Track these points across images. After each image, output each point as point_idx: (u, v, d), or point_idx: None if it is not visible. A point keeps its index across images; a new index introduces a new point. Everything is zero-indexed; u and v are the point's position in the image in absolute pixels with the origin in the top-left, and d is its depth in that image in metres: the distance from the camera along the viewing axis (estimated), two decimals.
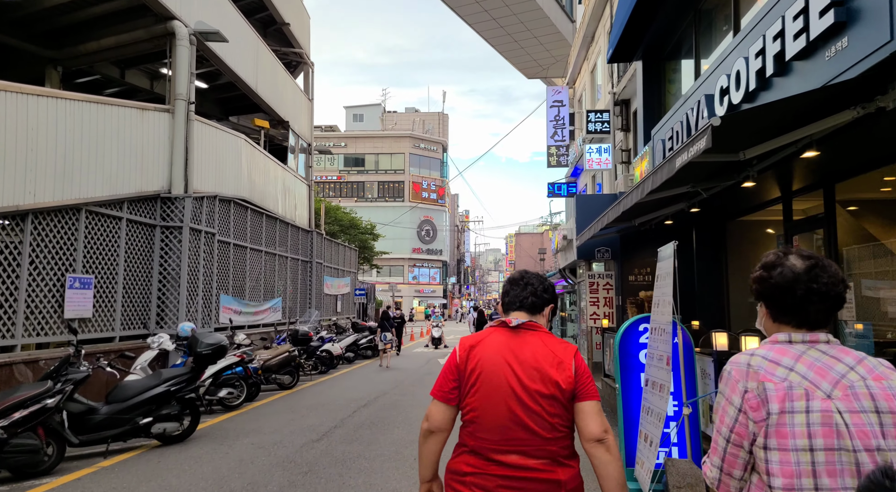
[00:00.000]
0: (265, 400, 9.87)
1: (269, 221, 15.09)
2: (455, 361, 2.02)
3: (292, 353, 11.32)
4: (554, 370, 1.91)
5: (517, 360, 1.95)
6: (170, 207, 10.23)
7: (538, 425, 1.89)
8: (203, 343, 6.86)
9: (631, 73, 11.68)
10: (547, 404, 1.89)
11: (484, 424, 1.94)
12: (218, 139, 12.28)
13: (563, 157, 21.17)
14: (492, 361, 1.96)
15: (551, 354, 1.95)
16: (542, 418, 1.89)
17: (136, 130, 9.56)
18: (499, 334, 2.03)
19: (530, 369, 1.92)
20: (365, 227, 34.31)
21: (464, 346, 2.04)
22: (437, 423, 2.04)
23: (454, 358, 2.04)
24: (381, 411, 8.88)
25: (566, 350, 1.98)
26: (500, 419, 1.91)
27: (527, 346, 1.97)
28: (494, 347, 1.99)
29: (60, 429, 5.53)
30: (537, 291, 2.09)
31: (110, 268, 8.98)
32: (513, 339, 2.00)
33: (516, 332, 2.02)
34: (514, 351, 1.96)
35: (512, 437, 1.91)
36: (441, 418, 2.03)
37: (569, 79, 21.75)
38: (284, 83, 16.73)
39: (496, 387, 1.93)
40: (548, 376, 1.90)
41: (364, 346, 17.60)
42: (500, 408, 1.91)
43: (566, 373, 1.91)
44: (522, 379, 1.91)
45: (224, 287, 12.39)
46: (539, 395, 1.90)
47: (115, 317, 9.02)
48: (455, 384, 2.01)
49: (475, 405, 1.96)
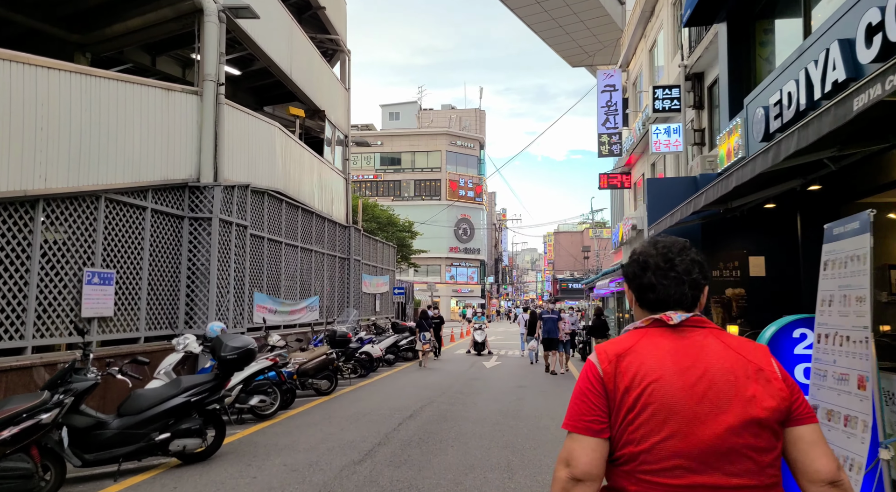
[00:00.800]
0: (301, 408, 8.93)
1: (304, 215, 14.25)
2: (597, 377, 1.45)
3: (330, 356, 10.38)
4: (755, 384, 1.38)
5: (696, 372, 1.39)
6: (198, 196, 9.40)
7: (741, 468, 1.35)
8: (228, 347, 5.91)
9: (708, 41, 10.31)
10: (752, 436, 1.35)
11: (655, 463, 1.36)
12: (250, 126, 11.45)
13: (616, 145, 19.78)
14: (657, 376, 1.40)
15: (743, 361, 1.41)
16: (747, 458, 1.35)
17: (162, 113, 8.75)
18: (656, 337, 1.46)
19: (720, 384, 1.38)
20: (403, 224, 33.50)
21: (607, 355, 1.47)
22: (586, 467, 1.40)
23: (594, 373, 1.46)
24: (429, 423, 7.80)
25: (759, 352, 1.45)
26: (682, 459, 1.35)
27: (705, 351, 1.43)
28: (656, 356, 1.43)
29: (59, 449, 4.64)
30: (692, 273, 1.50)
31: (134, 262, 8.18)
32: (678, 342, 1.45)
33: (680, 332, 1.47)
34: (686, 360, 1.42)
35: (698, 485, 1.33)
36: (590, 460, 1.41)
37: (622, 61, 20.34)
38: (321, 71, 15.88)
39: (670, 412, 1.37)
40: (748, 392, 1.37)
41: (405, 347, 16.63)
42: (679, 443, 1.35)
43: (774, 386, 1.39)
44: (711, 400, 1.37)
45: (258, 285, 11.56)
46: (742, 422, 1.35)
47: (140, 316, 8.22)
48: (604, 409, 1.43)
49: (640, 436, 1.38)
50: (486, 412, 8.68)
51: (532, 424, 7.87)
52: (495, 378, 13.03)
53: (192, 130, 9.46)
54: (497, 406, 9.24)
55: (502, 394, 10.60)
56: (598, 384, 1.44)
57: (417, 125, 62.72)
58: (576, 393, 1.48)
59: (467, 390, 11.00)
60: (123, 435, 5.25)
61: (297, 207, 13.77)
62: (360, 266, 18.77)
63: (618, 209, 26.57)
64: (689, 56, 11.59)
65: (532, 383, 12.28)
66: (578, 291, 53.91)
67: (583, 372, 1.50)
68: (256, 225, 11.43)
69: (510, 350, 21.55)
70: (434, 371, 14.31)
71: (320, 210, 15.57)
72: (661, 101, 11.79)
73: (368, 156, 59.07)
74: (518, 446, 6.61)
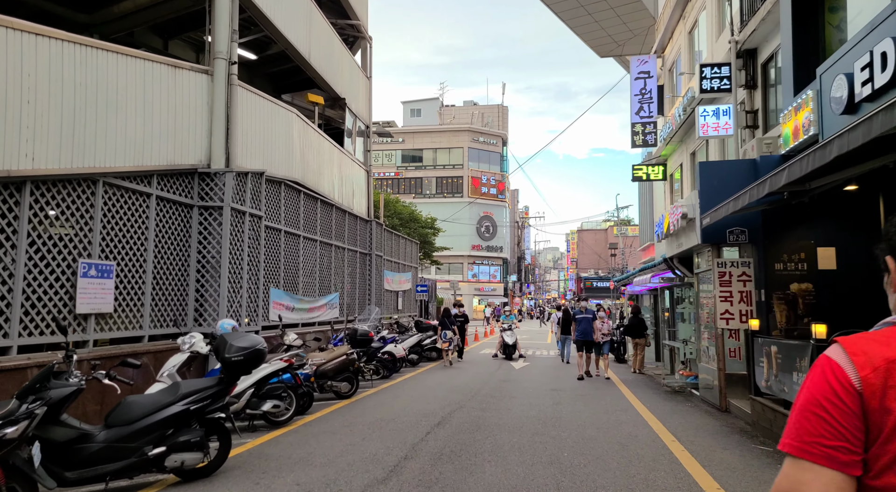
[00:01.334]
0: (319, 413, 8.18)
1: (324, 207, 13.54)
2: (851, 389, 1.01)
3: (350, 356, 9.62)
4: None
5: None
6: (209, 184, 8.71)
7: None
8: (233, 347, 5.16)
9: (765, 12, 9.29)
10: None
11: None
12: (266, 111, 10.75)
13: (650, 135, 18.70)
14: None
15: None
16: None
17: (168, 92, 8.07)
18: None
19: None
20: (426, 220, 32.76)
21: (869, 360, 1.01)
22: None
23: (844, 381, 1.01)
24: (461, 433, 6.98)
25: None
26: None
27: None
28: None
29: (28, 469, 3.92)
30: None
31: (137, 254, 7.51)
32: None
33: None
34: None
35: None
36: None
37: (656, 47, 19.24)
38: (341, 57, 15.15)
39: None
40: None
41: (428, 347, 15.84)
42: None
43: None
44: None
45: (274, 280, 10.87)
46: None
47: (144, 312, 7.54)
48: (858, 434, 0.99)
49: None
50: (522, 419, 7.83)
51: (576, 434, 6.99)
52: (526, 380, 12.16)
53: (202, 112, 8.77)
54: (534, 412, 8.39)
55: (537, 398, 9.74)
56: (849, 398, 1.02)
57: (439, 122, 61.94)
58: (805, 404, 1.06)
59: (498, 394, 10.16)
60: (111, 449, 4.53)
61: (317, 198, 13.07)
62: (383, 262, 18.03)
63: (647, 203, 25.38)
64: (740, 31, 10.55)
65: (567, 385, 11.38)
66: (604, 290, 52.55)
67: (819, 375, 1.06)
68: (273, 217, 10.73)
69: (537, 350, 20.62)
70: (461, 372, 13.49)
71: (340, 203, 14.86)
72: (710, 80, 10.78)
73: (390, 153, 58.61)
74: (565, 462, 5.74)
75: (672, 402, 9.63)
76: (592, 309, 11.96)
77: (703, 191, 8.68)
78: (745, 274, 8.48)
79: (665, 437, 6.91)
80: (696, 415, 8.39)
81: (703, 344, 9.54)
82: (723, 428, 7.51)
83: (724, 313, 8.48)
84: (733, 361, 8.60)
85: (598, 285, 57.77)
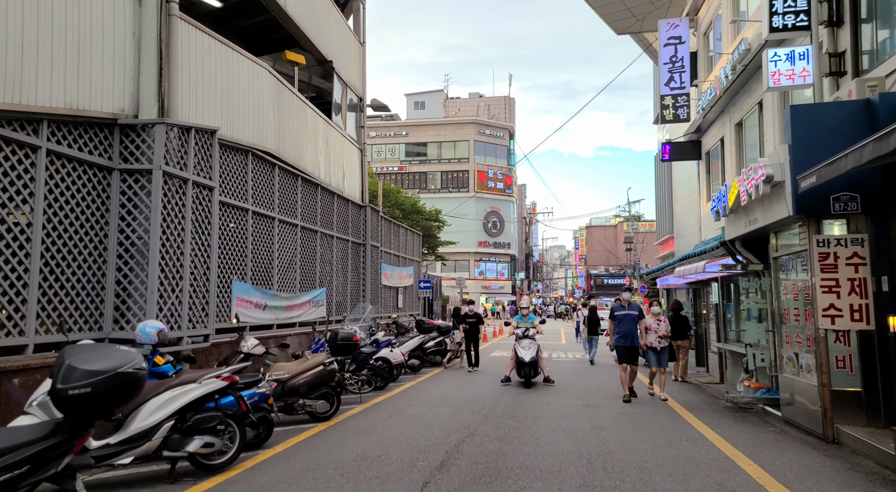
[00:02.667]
0: (280, 447, 6.01)
1: (307, 186, 11.39)
2: None
3: (329, 366, 7.46)
4: None
5: None
6: (134, 140, 6.57)
7: None
8: (76, 372, 2.98)
9: None
10: None
11: None
12: (226, 60, 8.61)
13: (683, 108, 16.46)
14: None
15: None
16: None
17: (68, 7, 5.91)
18: None
19: None
20: (430, 212, 30.60)
21: None
22: None
23: None
24: (472, 483, 4.80)
25: None
26: None
27: None
28: None
29: None
30: None
31: (14, 231, 5.37)
32: None
33: None
34: None
35: None
36: None
37: (688, 9, 17.00)
38: (328, 11, 12.98)
39: None
40: None
41: (431, 350, 13.67)
42: None
43: None
44: None
45: (239, 272, 8.73)
46: None
47: (29, 312, 5.40)
48: None
49: None
50: (557, 455, 5.64)
51: (639, 483, 4.80)
52: (550, 392, 9.95)
53: (126, 44, 6.62)
54: (570, 444, 6.19)
55: (568, 420, 7.54)
56: None
57: (444, 114, 59.80)
58: None
59: (519, 413, 7.96)
60: None
61: (297, 175, 10.92)
62: (379, 254, 15.86)
63: (665, 194, 23.17)
64: None
65: (601, 399, 9.17)
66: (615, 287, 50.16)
67: None
68: (235, 192, 8.59)
69: (553, 352, 18.35)
70: (469, 380, 11.29)
71: (328, 184, 12.71)
72: (782, 16, 8.58)
73: (393, 147, 56.67)
74: None
75: (747, 424, 7.42)
76: (638, 304, 9.41)
77: (796, 144, 6.46)
78: (858, 255, 6.25)
79: (775, 491, 4.71)
80: (794, 449, 6.16)
81: (788, 350, 7.30)
82: (851, 474, 5.27)
83: (828, 309, 6.24)
84: (841, 374, 6.36)
85: (609, 283, 55.67)
